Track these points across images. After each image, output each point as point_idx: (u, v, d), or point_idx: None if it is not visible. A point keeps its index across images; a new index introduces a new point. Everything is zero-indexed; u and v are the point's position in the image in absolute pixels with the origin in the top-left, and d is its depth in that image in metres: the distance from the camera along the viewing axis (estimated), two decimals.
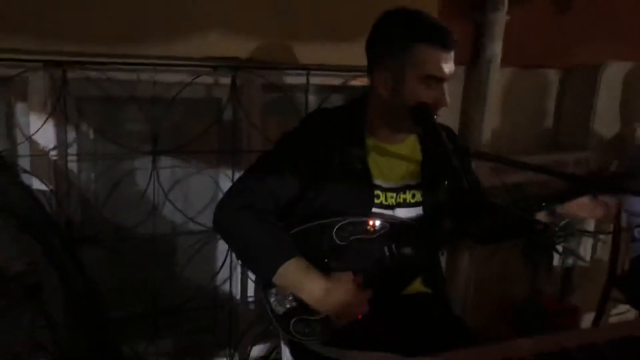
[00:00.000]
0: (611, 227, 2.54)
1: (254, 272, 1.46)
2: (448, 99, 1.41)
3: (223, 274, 2.27)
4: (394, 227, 1.46)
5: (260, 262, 1.37)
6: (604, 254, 2.92)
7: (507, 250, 2.72)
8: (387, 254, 1.45)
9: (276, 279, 1.35)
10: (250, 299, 2.34)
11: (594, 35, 2.73)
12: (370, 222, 1.43)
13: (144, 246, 2.09)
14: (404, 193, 1.51)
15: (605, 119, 2.78)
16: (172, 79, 2.01)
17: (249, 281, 2.30)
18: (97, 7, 1.84)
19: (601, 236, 2.97)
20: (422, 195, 1.53)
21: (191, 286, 2.22)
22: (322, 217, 1.44)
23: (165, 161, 2.11)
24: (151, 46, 1.93)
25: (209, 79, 2.07)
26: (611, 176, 1.52)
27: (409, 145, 1.55)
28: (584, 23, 2.70)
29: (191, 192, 2.25)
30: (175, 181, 2.19)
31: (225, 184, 2.22)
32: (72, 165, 1.97)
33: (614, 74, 2.73)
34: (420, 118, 1.39)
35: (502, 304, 2.76)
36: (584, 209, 1.46)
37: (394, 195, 1.50)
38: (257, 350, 2.39)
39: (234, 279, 2.30)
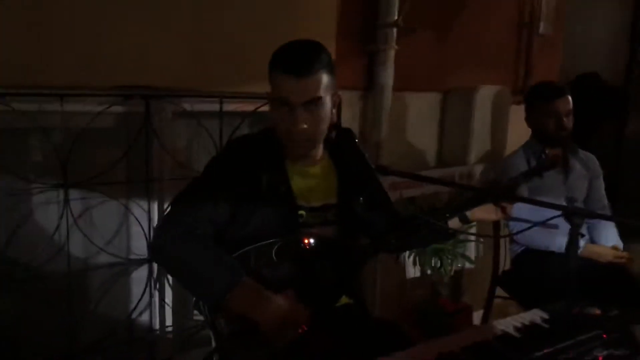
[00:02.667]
0: (492, 232, 2.84)
1: (202, 297, 1.45)
2: (303, 125, 1.45)
3: (140, 305, 2.22)
4: (322, 245, 1.56)
5: (211, 286, 1.38)
6: (486, 255, 3.26)
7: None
8: (320, 270, 1.55)
9: (229, 300, 1.37)
10: (168, 329, 2.31)
11: (467, 63, 3.10)
12: (306, 240, 1.52)
13: (56, 284, 1.99)
14: (324, 212, 1.62)
15: (481, 136, 3.13)
16: (80, 108, 1.96)
17: (168, 310, 2.28)
18: None
19: (482, 239, 3.30)
20: (340, 213, 1.64)
21: (108, 321, 2.15)
22: (254, 240, 1.50)
23: (73, 193, 2.04)
24: (57, 76, 1.87)
25: (119, 108, 2.05)
26: (504, 186, 1.76)
27: (324, 165, 1.66)
28: (459, 52, 3.06)
29: (102, 223, 2.18)
30: (84, 210, 2.12)
31: (139, 213, 2.19)
32: None
33: (485, 96, 3.09)
34: (345, 140, 1.52)
35: (406, 308, 2.97)
36: (487, 213, 1.67)
37: (316, 214, 1.60)
38: None
39: (153, 309, 2.26)
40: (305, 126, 1.46)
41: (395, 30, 2.67)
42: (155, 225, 2.17)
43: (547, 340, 1.16)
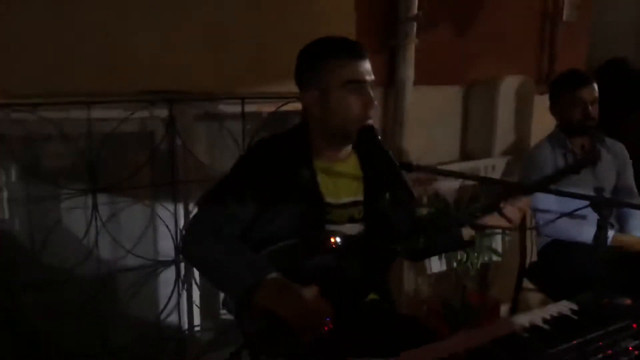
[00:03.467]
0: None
1: (231, 293, 1.48)
2: (375, 101, 1.54)
3: (168, 305, 2.26)
4: (349, 242, 1.57)
5: (239, 282, 1.40)
6: (513, 247, 3.22)
7: None
8: (346, 267, 1.55)
9: (257, 296, 1.38)
10: (197, 329, 2.34)
11: (489, 54, 3.06)
12: (332, 239, 1.53)
13: (86, 287, 2.04)
14: (351, 208, 1.63)
15: (505, 128, 3.09)
16: (105, 114, 2.00)
17: (196, 310, 2.31)
18: (24, 44, 1.81)
19: (508, 232, 3.26)
20: (365, 210, 1.65)
21: (137, 322, 2.19)
22: (281, 238, 1.52)
23: (101, 198, 2.09)
24: (82, 82, 1.92)
25: (143, 113, 2.08)
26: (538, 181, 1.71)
27: (351, 163, 1.67)
28: (480, 44, 3.02)
29: (129, 226, 2.22)
30: (112, 214, 2.16)
31: (165, 215, 2.22)
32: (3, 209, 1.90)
33: (508, 87, 3.05)
34: (367, 138, 1.52)
35: (433, 302, 2.96)
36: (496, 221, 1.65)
37: (343, 211, 1.62)
38: None
39: (181, 310, 2.29)
40: (376, 102, 1.54)
41: (415, 24, 2.65)
42: (181, 226, 2.20)
43: (576, 331, 1.15)
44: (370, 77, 1.54)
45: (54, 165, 2.06)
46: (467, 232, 1.69)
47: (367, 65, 1.54)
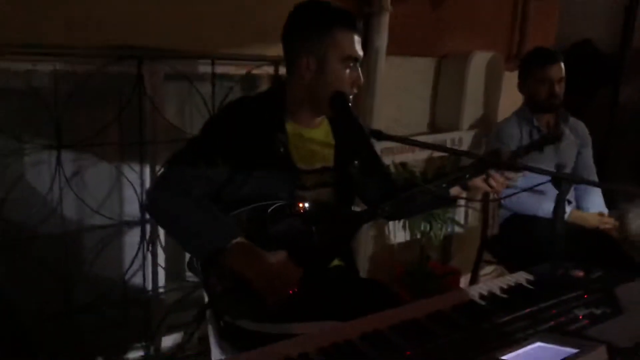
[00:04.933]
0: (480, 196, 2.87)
1: (196, 252, 1.48)
2: (362, 79, 1.57)
3: (133, 266, 2.25)
4: (318, 208, 1.59)
5: (206, 241, 1.41)
6: (475, 220, 3.31)
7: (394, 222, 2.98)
8: (314, 232, 1.57)
9: (223, 256, 1.39)
10: (161, 290, 2.35)
11: (462, 28, 3.08)
12: (300, 204, 1.55)
13: (50, 244, 2.01)
14: (322, 174, 1.64)
15: (473, 102, 3.13)
16: (72, 68, 1.95)
17: (160, 271, 2.31)
18: None
19: (471, 204, 3.34)
20: (336, 176, 1.67)
21: (102, 282, 2.18)
22: (250, 201, 1.52)
23: (66, 154, 2.04)
24: (49, 35, 1.85)
25: (112, 69, 2.03)
26: (507, 155, 1.75)
27: (324, 129, 1.68)
28: (453, 17, 3.03)
29: (95, 185, 2.19)
30: (76, 172, 2.12)
31: (131, 176, 2.19)
32: None
33: (479, 62, 3.08)
34: (338, 105, 1.53)
35: (396, 270, 3.03)
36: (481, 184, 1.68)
37: (313, 177, 1.62)
38: (170, 340, 2.41)
39: (146, 271, 2.29)
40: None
41: None
42: (147, 187, 2.18)
43: (531, 299, 1.20)
44: (361, 54, 1.55)
45: (18, 119, 2.00)
46: (454, 190, 1.72)
47: (360, 41, 1.55)
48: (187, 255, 1.59)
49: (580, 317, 1.12)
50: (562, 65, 2.50)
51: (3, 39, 1.76)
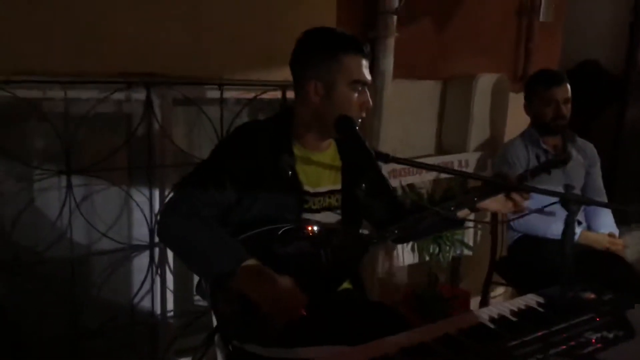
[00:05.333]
0: (489, 218, 2.86)
1: (205, 275, 1.48)
2: (371, 102, 1.59)
3: (141, 290, 2.25)
4: (326, 231, 1.59)
5: (215, 264, 1.41)
6: (484, 242, 3.28)
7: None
8: (323, 255, 1.57)
9: (232, 279, 1.39)
10: (170, 314, 2.34)
11: (467, 50, 3.10)
12: (309, 227, 1.55)
13: (59, 269, 2.02)
14: (329, 197, 1.65)
15: (480, 124, 3.14)
16: (82, 95, 1.98)
17: (169, 295, 2.31)
18: None
19: (480, 226, 3.33)
20: (343, 198, 1.67)
21: (110, 306, 2.18)
22: (258, 223, 1.52)
23: (76, 179, 2.06)
24: (59, 63, 1.89)
25: (121, 95, 2.06)
26: (515, 178, 1.74)
27: (331, 152, 1.69)
28: (458, 40, 3.06)
29: (104, 210, 2.20)
30: (86, 196, 2.14)
31: (140, 200, 2.21)
32: None
33: (485, 84, 3.09)
34: (345, 128, 1.54)
35: (405, 292, 3.01)
36: (499, 204, 1.67)
37: (321, 199, 1.63)
38: None
39: (154, 295, 2.29)
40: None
41: (395, 17, 2.66)
42: (156, 211, 2.19)
43: (542, 323, 1.19)
44: (370, 79, 1.58)
45: (29, 145, 2.03)
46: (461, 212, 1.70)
47: (368, 66, 1.57)
48: (196, 279, 1.59)
49: (593, 340, 1.11)
50: (568, 86, 2.51)
51: (15, 66, 1.80)
